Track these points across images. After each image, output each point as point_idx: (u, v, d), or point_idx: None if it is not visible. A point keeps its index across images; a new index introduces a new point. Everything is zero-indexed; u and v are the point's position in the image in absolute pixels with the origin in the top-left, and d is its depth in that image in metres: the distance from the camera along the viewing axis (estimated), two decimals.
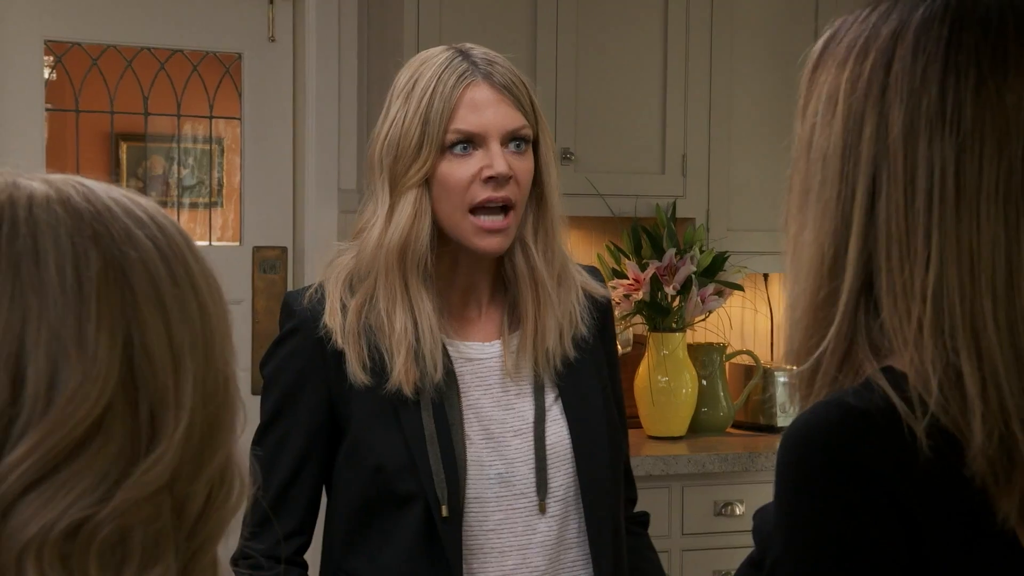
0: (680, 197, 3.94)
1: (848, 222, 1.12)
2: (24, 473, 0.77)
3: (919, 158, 1.09)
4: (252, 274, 3.99)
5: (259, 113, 4.00)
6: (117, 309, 0.81)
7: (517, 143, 1.87)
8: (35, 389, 0.78)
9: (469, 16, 3.72)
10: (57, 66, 3.87)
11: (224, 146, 4.13)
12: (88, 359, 0.79)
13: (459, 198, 1.85)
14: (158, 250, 0.84)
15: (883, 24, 1.14)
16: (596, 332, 1.96)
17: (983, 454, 1.04)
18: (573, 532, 1.90)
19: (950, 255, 1.07)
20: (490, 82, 1.86)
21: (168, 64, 3.92)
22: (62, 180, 0.85)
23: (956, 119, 1.09)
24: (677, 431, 3.83)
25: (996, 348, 1.06)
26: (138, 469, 0.79)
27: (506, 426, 1.89)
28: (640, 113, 3.92)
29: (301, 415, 1.88)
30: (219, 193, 4.15)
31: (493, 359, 1.92)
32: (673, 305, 3.73)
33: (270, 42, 4.00)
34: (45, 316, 0.79)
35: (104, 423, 0.79)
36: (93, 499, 0.78)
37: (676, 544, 3.63)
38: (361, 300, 1.87)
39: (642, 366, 3.81)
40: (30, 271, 0.80)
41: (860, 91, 1.12)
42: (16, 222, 0.81)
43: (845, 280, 1.11)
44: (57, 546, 0.77)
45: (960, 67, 1.09)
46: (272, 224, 4.02)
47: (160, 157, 4.15)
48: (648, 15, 3.91)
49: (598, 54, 3.86)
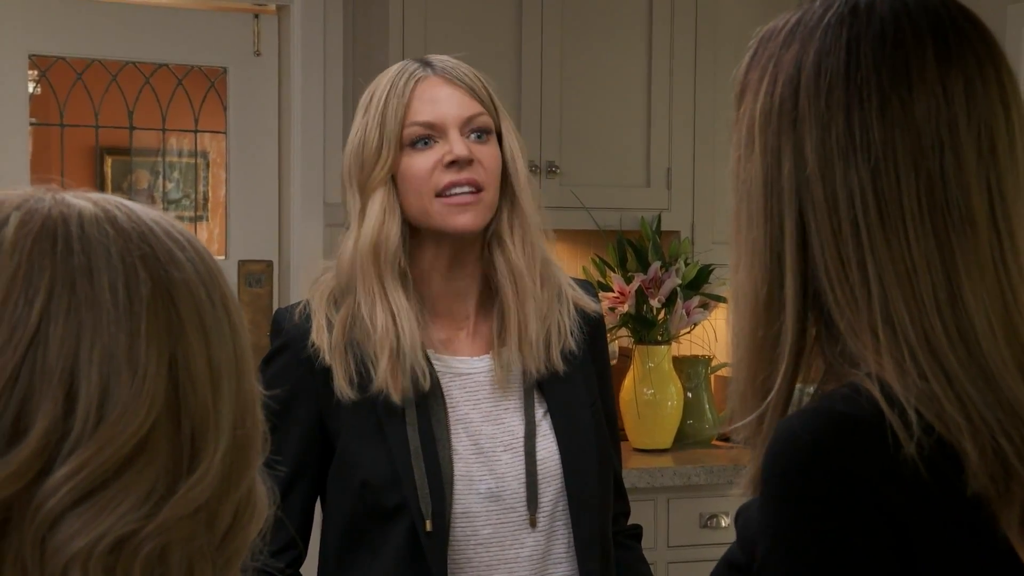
0: (665, 210, 3.95)
1: (780, 260, 1.09)
2: (74, 487, 0.78)
3: (838, 188, 1.06)
4: (238, 288, 3.99)
5: (244, 127, 4.00)
6: (164, 329, 0.82)
7: (478, 133, 1.89)
8: (87, 405, 0.79)
9: (454, 30, 3.73)
10: (41, 80, 3.86)
11: (209, 160, 4.13)
12: (138, 377, 0.80)
13: (425, 185, 1.86)
14: (197, 273, 0.86)
15: (786, 49, 1.11)
16: (586, 347, 1.96)
17: (982, 470, 1.02)
18: (562, 547, 1.90)
19: (889, 280, 1.05)
20: (444, 76, 1.89)
21: (153, 78, 3.92)
22: (104, 199, 0.86)
23: (866, 143, 1.06)
24: (663, 443, 3.84)
25: (958, 367, 1.04)
26: (183, 486, 0.81)
27: (496, 441, 1.89)
28: (625, 126, 3.93)
29: (292, 432, 1.88)
30: (204, 207, 4.15)
31: (482, 373, 1.92)
32: (658, 318, 3.74)
33: (255, 56, 4.00)
34: (99, 333, 0.80)
35: (150, 441, 0.80)
36: (140, 514, 0.79)
37: (662, 556, 3.63)
38: (345, 315, 1.87)
39: (627, 379, 3.82)
40: (84, 288, 0.81)
41: (773, 124, 1.10)
42: (70, 239, 0.82)
43: (786, 321, 1.09)
44: (102, 560, 0.78)
45: (862, 88, 1.07)
46: (258, 238, 4.02)
47: (145, 171, 4.15)
48: (633, 29, 3.93)
49: (583, 67, 3.87)
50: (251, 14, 4.00)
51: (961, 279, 1.05)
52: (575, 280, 2.03)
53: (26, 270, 0.80)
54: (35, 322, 0.79)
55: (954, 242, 1.05)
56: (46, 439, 0.78)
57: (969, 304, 1.05)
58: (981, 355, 1.04)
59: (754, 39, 1.15)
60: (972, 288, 1.05)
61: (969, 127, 1.07)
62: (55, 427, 0.78)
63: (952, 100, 1.07)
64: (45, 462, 0.78)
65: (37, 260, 0.81)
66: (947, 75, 1.07)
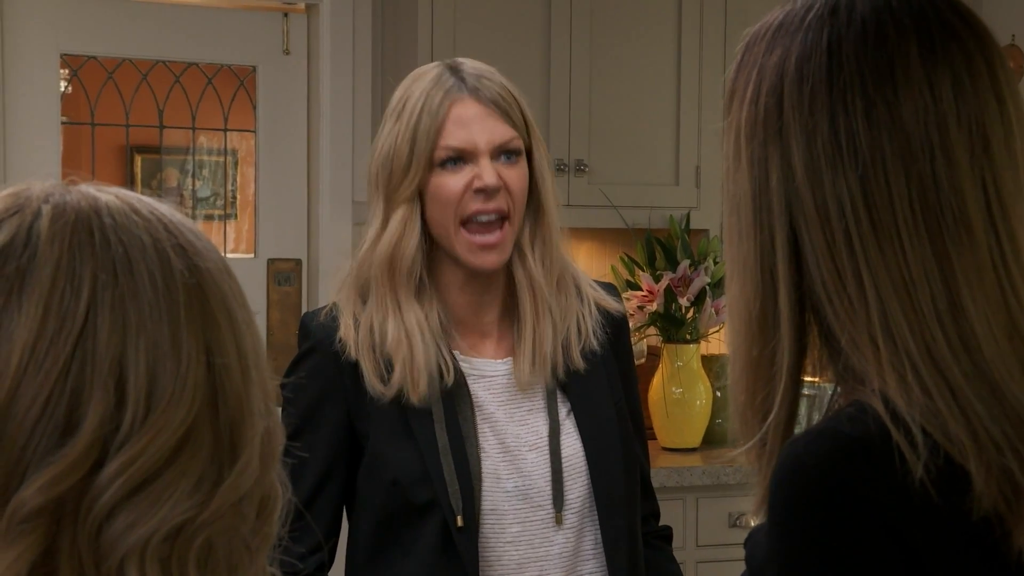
0: (694, 208, 3.94)
1: (772, 274, 1.05)
2: (128, 479, 0.78)
3: (827, 197, 1.02)
4: (267, 286, 4.00)
5: (274, 125, 4.01)
6: (199, 318, 0.83)
7: (508, 155, 1.89)
8: (136, 396, 0.79)
9: (483, 29, 3.73)
10: (73, 79, 3.88)
11: (238, 158, 4.14)
12: (182, 367, 0.81)
13: (451, 210, 1.87)
14: (215, 263, 0.86)
15: (769, 55, 1.07)
16: (609, 347, 1.96)
17: (989, 492, 0.98)
18: (589, 544, 1.91)
19: (886, 291, 1.01)
20: (476, 97, 1.88)
21: (183, 77, 3.94)
22: (122, 192, 0.87)
23: (852, 150, 1.02)
24: (691, 442, 3.83)
25: (962, 379, 0.99)
26: (231, 473, 0.82)
27: (521, 440, 1.90)
28: (654, 125, 3.92)
29: (322, 434, 1.89)
30: (233, 205, 4.16)
31: (505, 375, 1.93)
32: (687, 316, 3.73)
33: (284, 55, 4.01)
34: (143, 323, 0.80)
35: (195, 430, 0.81)
36: (193, 503, 0.80)
37: (691, 556, 3.62)
38: (369, 314, 1.89)
39: (656, 378, 3.81)
40: (126, 279, 0.81)
41: (759, 134, 1.06)
42: (105, 230, 0.82)
43: (781, 339, 1.05)
44: (158, 551, 0.78)
45: (846, 92, 1.02)
46: (287, 236, 4.03)
47: (175, 169, 4.17)
48: (662, 26, 3.92)
49: (612, 65, 3.87)
50: (280, 13, 4.01)
51: (960, 286, 1.01)
52: (598, 282, 2.03)
53: (68, 261, 0.80)
54: (83, 313, 0.79)
55: (950, 247, 1.01)
56: (99, 431, 0.78)
57: (969, 311, 1.01)
58: (985, 363, 1.00)
59: (741, 42, 1.12)
60: (971, 294, 1.01)
61: (960, 126, 1.02)
62: (107, 419, 0.78)
63: (940, 99, 1.02)
64: (99, 454, 0.78)
65: (78, 251, 0.81)
66: (933, 72, 1.03)
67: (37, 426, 0.77)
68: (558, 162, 3.76)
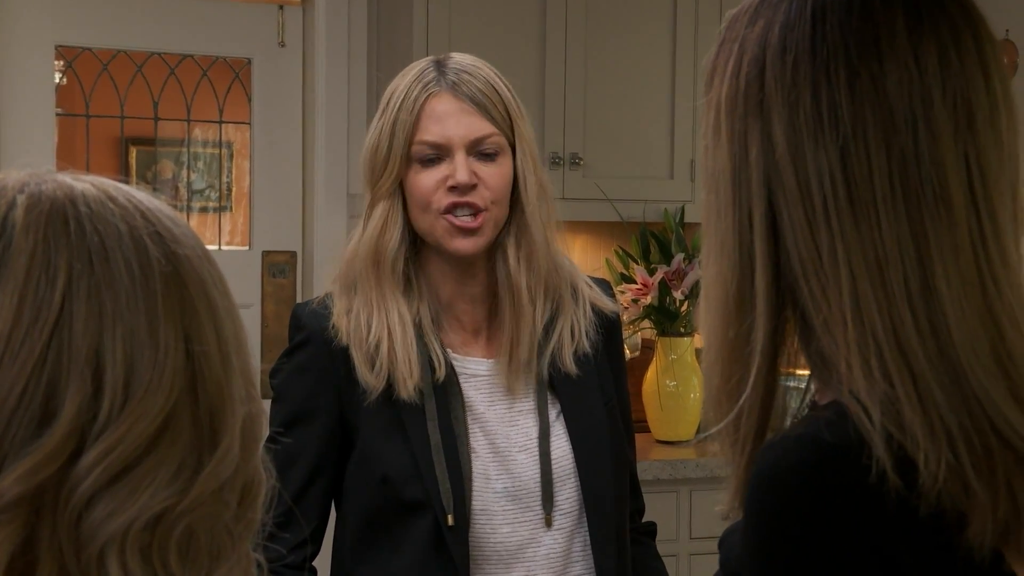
0: (688, 202, 3.94)
1: (750, 253, 1.02)
2: (107, 468, 0.78)
3: (809, 171, 0.99)
4: (261, 278, 4.00)
5: (269, 118, 4.01)
6: (177, 306, 0.82)
7: (485, 151, 1.88)
8: (113, 384, 0.79)
9: (478, 22, 3.73)
10: (67, 71, 3.88)
11: (233, 151, 4.14)
12: (160, 354, 0.80)
13: (427, 204, 1.87)
14: (194, 250, 0.86)
15: (751, 28, 1.04)
16: (602, 347, 1.96)
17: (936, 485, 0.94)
18: (578, 546, 1.91)
19: (859, 268, 0.97)
20: (454, 92, 1.87)
21: (178, 69, 3.93)
22: (98, 180, 0.86)
23: (834, 121, 0.98)
24: (685, 435, 3.84)
25: (925, 361, 0.96)
26: (211, 460, 0.81)
27: (511, 441, 1.90)
28: (649, 118, 3.93)
29: (315, 427, 1.89)
30: (228, 197, 4.16)
31: (495, 375, 1.92)
32: (681, 310, 3.74)
33: (280, 47, 4.01)
34: (120, 312, 0.80)
35: (174, 417, 0.80)
36: (172, 491, 0.79)
37: (684, 548, 3.63)
38: (358, 307, 1.89)
39: (650, 370, 3.81)
40: (102, 268, 0.81)
41: (739, 108, 1.03)
42: (80, 219, 0.82)
43: (757, 319, 1.02)
44: (138, 539, 0.78)
45: (829, 62, 0.99)
46: (281, 228, 4.03)
47: (169, 161, 4.17)
48: (656, 21, 3.92)
49: (607, 59, 3.87)
50: (276, 5, 4.00)
51: (934, 265, 0.97)
52: (592, 279, 2.02)
53: (43, 250, 0.80)
54: (59, 302, 0.79)
55: (928, 225, 0.97)
56: (77, 420, 0.78)
57: (942, 292, 0.97)
58: (952, 348, 0.97)
59: (724, 22, 1.09)
60: (946, 274, 0.97)
61: (944, 99, 0.99)
62: (85, 408, 0.78)
63: (925, 71, 0.99)
64: (76, 444, 0.78)
65: (53, 241, 0.80)
66: (919, 45, 0.99)
67: (14, 416, 0.77)
68: (553, 156, 3.76)
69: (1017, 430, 0.96)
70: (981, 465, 0.96)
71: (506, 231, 1.91)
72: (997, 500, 0.96)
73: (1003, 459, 0.96)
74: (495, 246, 1.90)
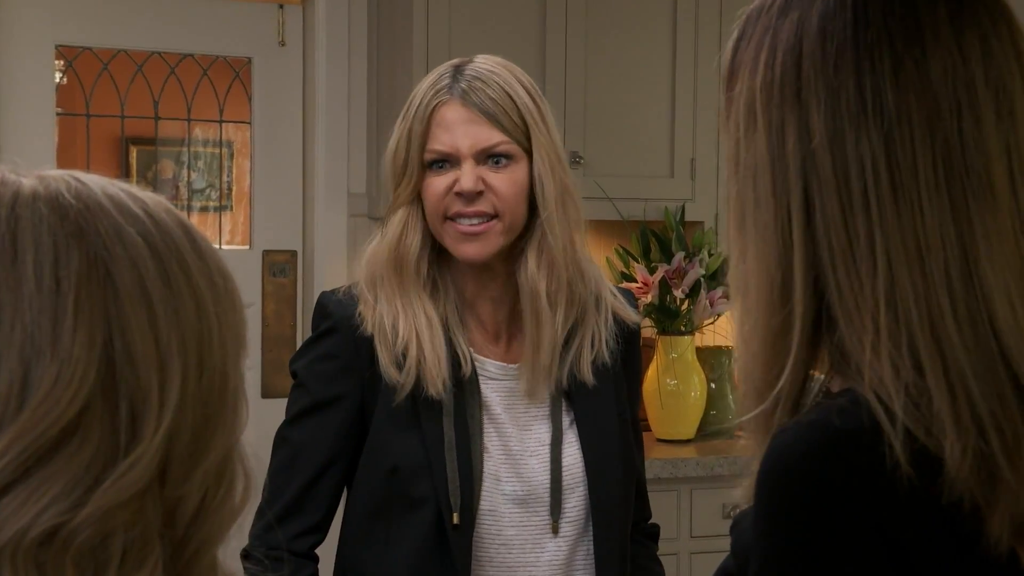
0: (689, 200, 3.94)
1: (788, 242, 1.02)
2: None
3: (849, 159, 0.99)
4: (262, 278, 4.00)
5: (269, 117, 4.01)
6: (98, 308, 0.79)
7: (495, 159, 1.88)
8: (7, 390, 0.76)
9: (478, 21, 3.73)
10: (68, 70, 3.88)
11: (234, 150, 4.14)
12: (63, 359, 0.77)
13: (436, 210, 1.88)
14: (149, 247, 0.82)
15: (784, 18, 1.04)
16: (620, 358, 1.96)
17: (960, 475, 0.95)
18: (582, 554, 1.91)
19: (898, 255, 0.98)
20: (464, 100, 1.87)
21: (178, 68, 3.94)
22: (56, 176, 0.83)
23: (878, 108, 0.99)
24: (686, 434, 3.84)
25: (960, 349, 0.96)
26: (114, 472, 0.77)
27: (524, 446, 1.90)
28: (649, 117, 3.93)
29: (334, 417, 1.90)
30: (229, 197, 4.16)
31: (514, 380, 1.92)
32: (682, 308, 3.74)
33: (280, 46, 4.01)
34: (19, 316, 0.77)
35: (81, 424, 0.77)
36: (66, 505, 0.76)
37: (684, 547, 3.63)
38: (381, 307, 1.89)
39: (651, 369, 3.81)
40: (5, 270, 0.78)
41: (776, 98, 1.03)
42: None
43: (795, 307, 1.02)
44: (32, 552, 0.75)
45: (873, 50, 0.99)
46: (282, 228, 4.03)
47: (170, 161, 4.17)
48: (657, 20, 3.92)
49: (607, 58, 3.87)
50: (276, 4, 4.01)
51: (979, 252, 0.98)
52: (618, 288, 2.02)
53: None
54: None
55: (972, 212, 0.98)
56: None
57: (987, 278, 0.97)
58: (993, 334, 0.97)
59: (739, 20, 1.09)
60: (991, 259, 0.98)
61: (987, 87, 1.00)
62: None
63: (968, 59, 1.00)
64: None
65: None
66: (961, 33, 1.00)
67: None
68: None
69: None
70: (1012, 452, 0.96)
71: (527, 237, 1.91)
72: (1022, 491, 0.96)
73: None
74: (517, 252, 1.91)
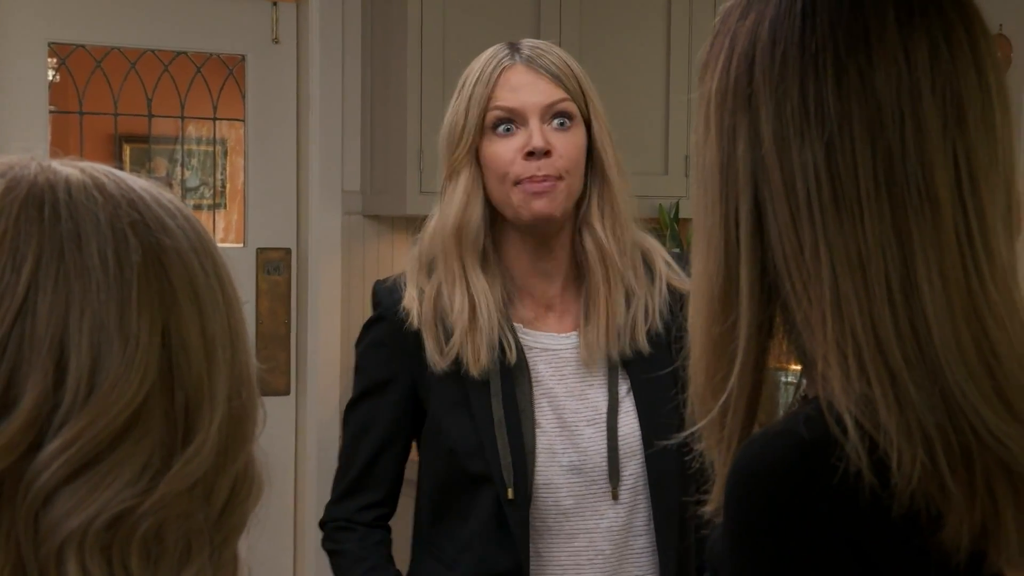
0: (683, 197, 3.94)
1: (736, 248, 1.01)
2: (67, 461, 0.75)
3: (794, 166, 0.97)
4: (256, 276, 4.00)
5: (263, 115, 4.00)
6: (156, 297, 0.80)
7: (560, 119, 1.92)
8: (78, 375, 0.77)
9: (473, 18, 3.72)
10: (61, 68, 3.87)
11: (228, 148, 4.13)
12: (130, 346, 0.78)
13: (504, 174, 1.90)
14: (188, 241, 0.83)
15: (741, 23, 1.03)
16: (674, 326, 1.98)
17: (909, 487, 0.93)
18: (641, 520, 1.94)
19: (841, 265, 0.96)
20: (528, 64, 1.93)
21: (172, 66, 3.93)
22: (91, 167, 0.84)
23: (820, 117, 0.97)
24: None
25: (903, 363, 0.95)
26: (179, 460, 0.79)
27: (579, 415, 1.93)
28: (643, 114, 3.93)
29: (388, 398, 1.98)
30: (223, 195, 4.16)
31: (569, 350, 1.96)
32: None
33: (274, 44, 4.00)
34: (88, 302, 0.78)
35: (143, 413, 0.78)
36: (136, 490, 0.77)
37: None
38: (433, 287, 1.94)
39: None
40: (73, 256, 0.78)
41: (729, 103, 1.01)
42: (57, 205, 0.80)
43: (741, 314, 1.01)
44: (99, 538, 0.76)
45: (817, 57, 0.97)
46: (276, 226, 4.03)
47: (163, 159, 4.16)
48: (651, 17, 3.92)
49: (601, 56, 3.87)
50: (270, 2, 4.00)
51: (917, 264, 0.96)
52: (672, 253, 2.06)
53: (12, 236, 0.78)
54: (23, 291, 0.77)
55: (912, 223, 0.96)
56: (36, 411, 0.76)
57: (923, 291, 0.95)
58: (932, 347, 0.95)
59: (718, 15, 1.07)
60: (928, 273, 0.96)
61: (934, 95, 0.97)
62: (45, 398, 0.76)
63: (915, 66, 0.97)
64: (36, 435, 0.76)
65: (24, 227, 0.79)
66: (909, 39, 0.98)
67: None
68: None
69: (994, 432, 0.95)
70: (958, 466, 0.94)
71: (587, 204, 1.95)
72: (974, 501, 0.95)
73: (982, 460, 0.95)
74: (579, 221, 1.94)
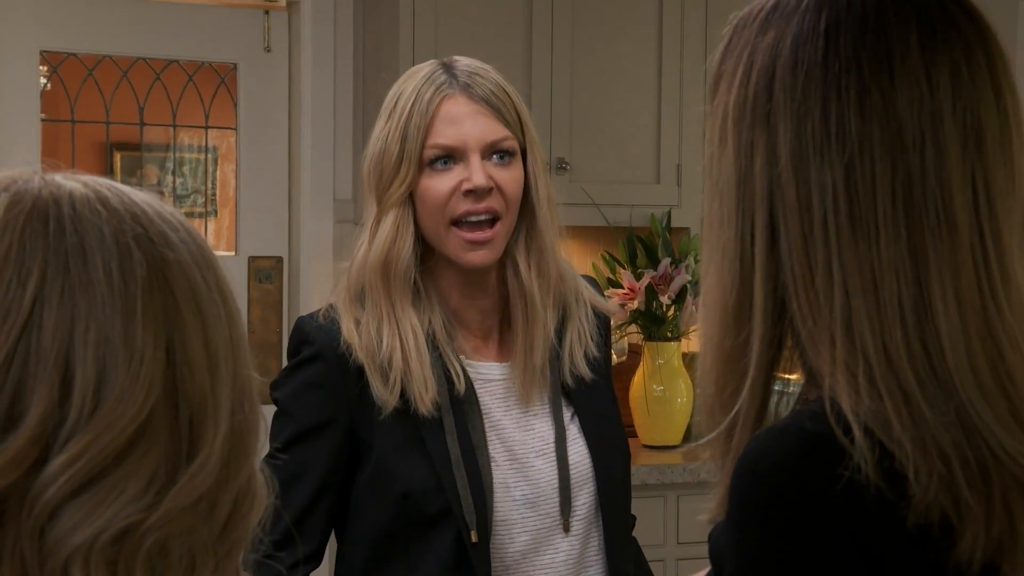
0: (675, 206, 3.94)
1: (751, 263, 1.02)
2: (73, 476, 0.75)
3: (811, 186, 0.99)
4: (247, 284, 3.99)
5: (254, 123, 4.00)
6: (160, 311, 0.80)
7: (500, 155, 1.84)
8: (83, 390, 0.76)
9: (464, 26, 3.72)
10: (52, 76, 3.87)
11: (219, 156, 4.13)
12: (135, 360, 0.78)
13: (440, 212, 1.81)
14: (191, 255, 0.83)
15: (762, 36, 1.03)
16: (604, 348, 1.95)
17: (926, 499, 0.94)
18: (593, 550, 1.89)
19: (854, 287, 0.97)
20: (468, 94, 1.83)
21: (163, 74, 3.93)
22: (94, 181, 0.84)
23: (841, 138, 0.98)
24: (672, 440, 3.84)
25: (915, 383, 0.95)
26: (184, 475, 0.78)
27: (528, 447, 1.87)
28: (635, 123, 3.93)
29: (323, 445, 1.83)
30: (214, 203, 4.15)
31: (508, 380, 1.89)
32: (668, 314, 3.74)
33: (265, 52, 4.00)
34: (94, 316, 0.78)
35: (148, 427, 0.78)
36: (142, 504, 0.77)
37: (671, 553, 3.63)
38: (367, 319, 1.83)
39: (637, 375, 3.81)
40: (78, 270, 0.78)
41: (747, 118, 1.02)
42: (62, 219, 0.80)
43: (754, 329, 1.02)
44: (104, 553, 0.75)
45: (840, 78, 0.99)
46: (267, 234, 4.02)
47: (155, 167, 4.15)
48: (643, 25, 3.92)
49: (593, 64, 3.87)
50: (261, 10, 4.00)
51: (932, 285, 0.97)
52: (584, 277, 2.01)
53: (18, 251, 0.78)
54: (28, 305, 0.77)
55: (928, 245, 0.97)
56: (42, 426, 0.75)
57: (937, 312, 0.96)
58: (945, 368, 0.96)
59: (729, 25, 1.08)
60: (943, 295, 0.97)
61: (954, 119, 0.99)
62: (51, 413, 0.76)
63: (937, 89, 0.99)
64: (42, 450, 0.76)
65: (29, 241, 0.78)
66: (932, 63, 0.99)
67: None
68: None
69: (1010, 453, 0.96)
70: (975, 480, 0.95)
71: (516, 237, 1.87)
72: (992, 516, 0.95)
73: (999, 476, 0.96)
74: (504, 254, 1.87)
